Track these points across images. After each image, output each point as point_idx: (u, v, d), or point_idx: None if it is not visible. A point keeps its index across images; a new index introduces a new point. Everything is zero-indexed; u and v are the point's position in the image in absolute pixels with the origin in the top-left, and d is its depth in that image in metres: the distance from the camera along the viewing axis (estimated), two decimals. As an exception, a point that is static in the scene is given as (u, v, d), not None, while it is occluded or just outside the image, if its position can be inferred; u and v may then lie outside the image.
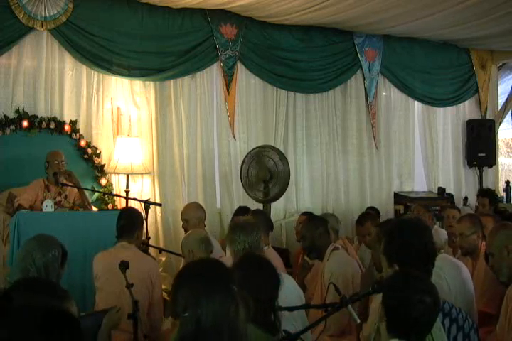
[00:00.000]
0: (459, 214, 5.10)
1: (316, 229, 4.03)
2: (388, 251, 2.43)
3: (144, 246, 4.58)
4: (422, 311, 2.00)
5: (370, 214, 5.41)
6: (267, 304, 2.28)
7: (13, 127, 5.31)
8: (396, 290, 2.07)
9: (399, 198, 7.37)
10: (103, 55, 5.74)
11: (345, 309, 2.39)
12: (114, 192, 5.71)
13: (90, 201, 5.31)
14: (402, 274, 2.17)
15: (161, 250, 5.24)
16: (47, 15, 5.43)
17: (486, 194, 6.36)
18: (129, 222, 3.95)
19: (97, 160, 5.69)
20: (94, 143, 5.72)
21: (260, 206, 5.86)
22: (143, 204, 5.02)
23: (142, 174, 5.91)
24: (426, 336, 2.05)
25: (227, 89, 6.39)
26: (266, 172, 5.68)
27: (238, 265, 2.44)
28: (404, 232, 2.44)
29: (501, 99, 8.57)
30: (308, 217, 4.65)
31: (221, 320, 1.59)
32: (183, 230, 5.02)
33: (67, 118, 5.60)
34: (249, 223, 3.34)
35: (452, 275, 3.29)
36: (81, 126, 5.68)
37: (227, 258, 3.87)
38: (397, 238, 2.42)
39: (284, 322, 2.39)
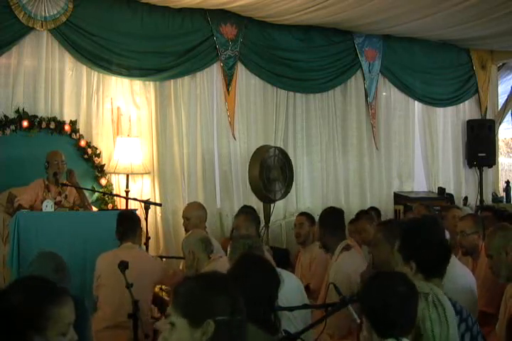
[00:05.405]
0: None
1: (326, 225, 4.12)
2: (407, 249, 2.46)
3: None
4: (399, 303, 1.99)
5: (365, 211, 5.45)
6: (267, 304, 2.28)
7: (13, 127, 5.31)
8: (371, 294, 2.06)
9: (399, 198, 7.36)
10: (103, 55, 5.73)
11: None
12: (114, 192, 5.71)
13: (90, 201, 5.32)
14: (374, 278, 2.17)
15: (162, 257, 5.30)
16: (47, 15, 5.43)
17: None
18: (131, 222, 4.06)
19: (97, 160, 5.69)
20: (94, 143, 5.72)
21: (261, 206, 5.87)
22: (143, 204, 5.03)
23: (142, 174, 5.90)
24: (412, 327, 2.04)
25: (227, 89, 6.39)
26: (279, 172, 5.73)
27: (237, 265, 2.44)
28: (425, 230, 2.49)
29: (501, 99, 8.56)
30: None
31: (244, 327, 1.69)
32: (183, 230, 5.04)
33: (67, 118, 5.60)
34: None
35: (457, 276, 3.29)
36: (81, 126, 5.68)
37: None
38: (418, 236, 2.46)
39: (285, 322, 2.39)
